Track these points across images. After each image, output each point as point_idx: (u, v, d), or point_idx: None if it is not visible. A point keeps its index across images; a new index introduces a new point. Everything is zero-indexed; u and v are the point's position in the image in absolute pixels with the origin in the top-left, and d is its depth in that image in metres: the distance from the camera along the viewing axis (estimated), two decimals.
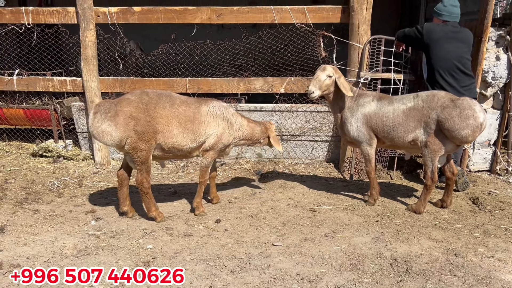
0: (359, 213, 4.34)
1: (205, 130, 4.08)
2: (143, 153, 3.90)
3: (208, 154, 4.21)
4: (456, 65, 4.75)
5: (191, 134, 4.03)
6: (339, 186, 5.22)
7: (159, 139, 3.94)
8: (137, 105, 3.85)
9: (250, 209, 4.47)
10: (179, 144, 4.01)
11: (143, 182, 4.00)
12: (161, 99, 3.98)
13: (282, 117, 5.90)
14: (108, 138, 3.79)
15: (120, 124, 3.79)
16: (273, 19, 5.45)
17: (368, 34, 5.33)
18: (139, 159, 3.93)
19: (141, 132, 3.82)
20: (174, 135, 3.96)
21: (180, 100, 4.06)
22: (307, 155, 6.04)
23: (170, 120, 3.94)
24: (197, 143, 4.10)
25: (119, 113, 3.80)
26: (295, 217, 4.25)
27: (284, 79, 5.72)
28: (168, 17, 5.56)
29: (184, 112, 4.01)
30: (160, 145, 3.99)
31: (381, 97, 4.39)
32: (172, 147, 4.02)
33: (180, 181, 5.46)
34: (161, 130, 3.92)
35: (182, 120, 3.98)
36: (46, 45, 6.20)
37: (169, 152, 4.08)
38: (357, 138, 4.40)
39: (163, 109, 3.93)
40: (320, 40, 5.44)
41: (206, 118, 4.08)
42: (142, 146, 3.87)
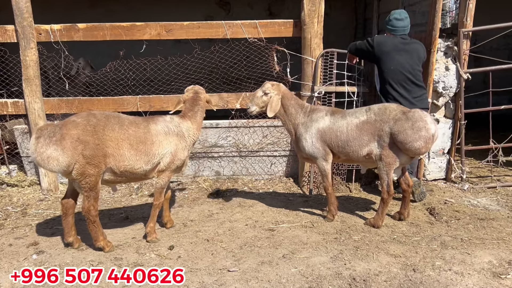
0: (318, 230, 4.24)
1: (157, 150, 3.89)
2: (91, 179, 3.66)
3: (164, 174, 4.02)
4: (407, 77, 4.78)
5: (144, 156, 3.83)
6: (298, 202, 5.11)
7: (109, 163, 3.72)
8: (85, 128, 3.62)
9: (206, 232, 4.28)
10: (132, 167, 3.80)
11: (90, 210, 3.74)
12: (110, 120, 3.76)
13: (239, 133, 5.76)
14: (55, 164, 3.52)
15: (67, 148, 3.53)
16: (225, 34, 5.33)
17: (321, 48, 5.31)
18: (87, 185, 3.67)
19: (90, 156, 3.59)
20: (126, 158, 3.76)
21: (129, 121, 3.86)
22: (266, 170, 5.92)
23: (121, 142, 3.73)
24: (152, 165, 3.90)
25: (65, 136, 3.54)
26: (252, 238, 4.10)
27: (239, 95, 5.61)
28: (115, 34, 5.34)
29: (134, 133, 3.81)
30: (111, 169, 3.76)
31: (334, 112, 4.34)
32: (125, 171, 3.80)
33: (133, 204, 5.20)
34: (111, 154, 3.70)
35: (133, 142, 3.78)
36: None
37: (122, 176, 3.86)
38: (313, 154, 4.32)
39: (112, 131, 3.72)
40: (273, 55, 5.37)
41: (157, 138, 3.90)
42: (91, 171, 3.63)
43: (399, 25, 4.84)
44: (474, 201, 4.99)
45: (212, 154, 5.82)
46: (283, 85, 4.46)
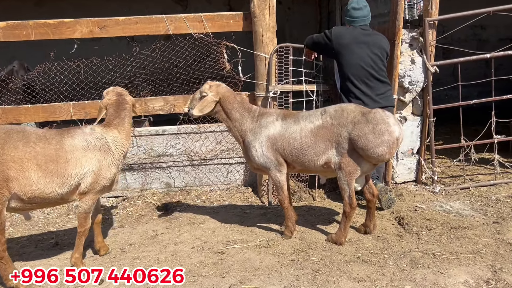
0: (273, 251, 3.71)
1: (74, 169, 3.27)
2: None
3: (87, 197, 3.40)
4: (369, 72, 4.32)
5: (56, 178, 3.21)
6: (255, 215, 4.58)
7: (13, 188, 3.09)
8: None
9: (145, 259, 3.70)
10: (42, 192, 3.18)
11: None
12: (11, 137, 3.13)
13: (190, 140, 5.19)
14: None
15: None
16: (167, 30, 4.75)
17: (274, 43, 4.78)
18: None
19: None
20: (34, 181, 3.13)
21: (37, 136, 3.23)
22: (222, 180, 5.37)
23: (26, 163, 3.10)
24: (69, 187, 3.29)
25: None
26: (198, 265, 3.54)
27: (187, 97, 4.98)
28: (41, 33, 4.67)
29: (42, 150, 3.18)
30: (17, 195, 3.13)
31: (285, 115, 3.82)
32: (34, 197, 3.18)
33: (69, 226, 4.56)
34: (14, 177, 3.07)
35: (42, 162, 3.15)
36: None
37: (32, 202, 3.23)
38: (264, 165, 3.80)
39: (14, 149, 3.09)
40: (222, 51, 4.81)
41: (73, 154, 3.28)
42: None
43: (358, 15, 4.36)
44: (447, 205, 4.57)
45: (160, 164, 5.22)
46: (222, 85, 3.91)
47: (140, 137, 5.10)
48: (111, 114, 3.53)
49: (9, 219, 4.78)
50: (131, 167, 5.16)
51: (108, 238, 4.16)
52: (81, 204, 3.41)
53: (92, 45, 4.94)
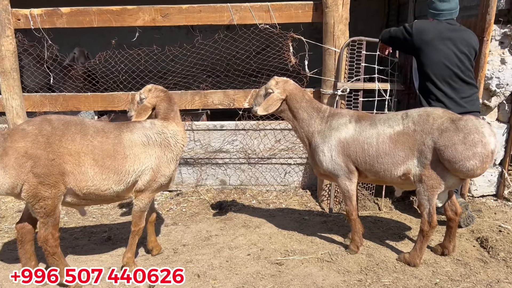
0: (338, 267, 3.36)
1: (132, 166, 3.09)
2: (47, 202, 2.90)
3: (143, 195, 3.22)
4: (454, 72, 3.82)
5: (113, 175, 3.03)
6: (315, 223, 4.24)
7: (69, 183, 2.95)
8: (36, 139, 2.86)
9: (198, 264, 3.48)
10: (97, 188, 3.02)
11: (47, 239, 2.99)
12: (69, 129, 2.98)
13: (248, 137, 4.91)
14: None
15: (10, 167, 2.79)
16: (231, 20, 4.47)
17: (346, 36, 4.37)
18: (43, 211, 2.92)
19: (43, 174, 2.84)
20: (89, 177, 2.97)
21: (95, 129, 3.06)
22: (279, 180, 5.06)
23: (82, 157, 2.95)
24: (125, 185, 3.11)
25: (8, 150, 2.80)
26: (254, 276, 3.27)
27: (248, 92, 4.74)
28: (104, 20, 4.56)
29: (100, 145, 3.01)
30: (72, 190, 2.99)
31: (360, 117, 3.43)
32: (89, 193, 3.02)
33: (122, 220, 4.45)
34: (71, 171, 2.92)
35: (99, 157, 2.99)
36: None
37: (86, 198, 3.08)
38: (333, 171, 3.44)
39: (71, 142, 2.94)
40: (288, 44, 4.47)
41: (132, 150, 3.09)
42: (46, 193, 2.87)
43: (444, 8, 3.86)
44: None
45: (216, 161, 4.99)
46: (290, 81, 3.58)
47: (197, 131, 4.90)
48: (165, 108, 3.32)
49: (64, 207, 4.75)
50: (187, 161, 4.98)
51: (161, 236, 3.99)
52: (136, 202, 3.23)
53: (153, 33, 4.74)
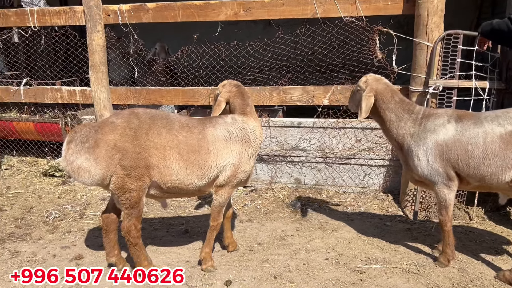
0: (426, 281, 3.08)
1: (215, 161, 3.08)
2: (133, 194, 2.97)
3: (223, 190, 3.20)
4: None
5: (197, 169, 3.04)
6: (398, 230, 3.96)
7: (154, 176, 2.99)
8: (124, 132, 2.93)
9: (274, 264, 3.38)
10: (181, 182, 3.04)
11: (130, 230, 3.05)
12: (156, 123, 3.02)
13: (326, 135, 4.72)
14: (86, 176, 2.89)
15: (101, 158, 2.87)
16: (315, 13, 4.30)
17: (441, 29, 4.02)
18: (128, 202, 2.99)
19: (130, 167, 2.90)
20: (174, 171, 2.99)
21: (180, 124, 3.08)
22: (357, 182, 4.81)
23: (168, 151, 2.97)
24: (207, 180, 3.11)
25: (100, 142, 2.89)
26: (333, 282, 3.10)
27: (328, 88, 4.55)
28: (187, 14, 4.61)
29: (185, 139, 3.02)
30: (156, 183, 3.04)
31: (460, 116, 3.09)
32: (172, 187, 3.05)
33: (199, 213, 4.49)
34: (156, 165, 2.96)
35: (184, 151, 3.00)
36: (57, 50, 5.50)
37: (169, 192, 3.12)
38: (429, 177, 3.14)
39: (158, 136, 2.98)
40: (375, 38, 4.21)
41: (215, 146, 3.07)
42: (132, 185, 2.94)
43: None
44: None
45: (291, 158, 4.86)
46: (382, 80, 3.34)
47: (274, 128, 4.80)
48: (239, 104, 3.27)
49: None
50: (262, 158, 4.91)
51: (236, 232, 3.95)
52: (216, 198, 3.21)
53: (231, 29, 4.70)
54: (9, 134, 5.69)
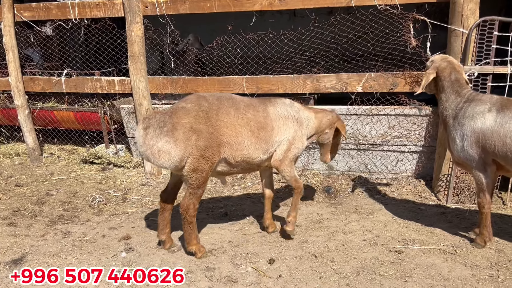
0: (463, 260, 3.18)
1: (277, 137, 3.36)
2: (203, 175, 3.17)
3: (284, 164, 3.46)
4: None
5: (264, 144, 3.31)
6: (432, 214, 4.05)
7: (224, 153, 3.21)
8: (197, 114, 3.13)
9: (314, 245, 3.52)
10: (249, 157, 3.29)
11: (189, 208, 3.24)
12: (223, 103, 3.24)
13: (359, 122, 4.81)
14: (166, 158, 3.07)
15: (180, 140, 3.06)
16: (349, 2, 4.37)
17: (476, 16, 4.05)
18: (197, 182, 3.18)
19: (204, 147, 3.10)
20: (245, 146, 3.24)
21: (245, 104, 3.32)
22: (390, 168, 4.90)
23: (239, 129, 3.20)
24: (269, 154, 3.39)
25: (177, 126, 3.07)
26: (373, 261, 3.22)
27: (362, 75, 4.63)
28: (223, 5, 4.73)
29: (254, 117, 3.27)
30: (225, 159, 3.26)
31: (503, 106, 3.09)
32: (242, 161, 3.30)
33: (235, 197, 4.65)
34: (227, 142, 3.19)
35: (254, 128, 3.26)
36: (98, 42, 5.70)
37: (237, 166, 3.36)
38: (466, 161, 3.23)
39: (227, 115, 3.20)
40: (409, 26, 4.27)
41: (277, 122, 3.36)
42: (204, 165, 3.13)
43: None
44: None
45: None
46: (447, 58, 3.41)
47: None
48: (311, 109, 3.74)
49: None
50: None
51: (273, 215, 4.10)
52: (283, 174, 3.50)
53: (259, 19, 4.79)
54: (50, 123, 5.96)
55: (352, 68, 5.10)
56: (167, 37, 5.08)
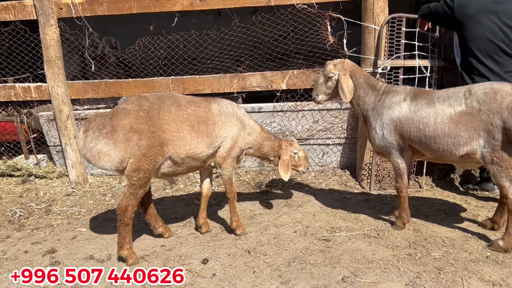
0: (386, 243, 3.40)
1: (220, 132, 3.39)
2: (146, 175, 3.15)
3: (227, 162, 3.51)
4: (499, 46, 3.76)
5: (206, 138, 3.33)
6: (357, 201, 4.28)
7: (168, 151, 3.20)
8: (138, 115, 3.12)
9: (247, 241, 3.57)
10: (194, 151, 3.29)
11: (127, 209, 3.18)
12: (164, 102, 3.24)
13: (286, 118, 4.95)
14: (106, 160, 3.05)
15: (120, 141, 3.04)
16: (269, 1, 4.47)
17: (386, 13, 4.34)
18: (139, 182, 3.15)
19: (147, 146, 3.09)
20: (188, 141, 3.25)
21: (187, 100, 3.36)
22: (317, 161, 5.10)
23: (179, 124, 3.21)
24: (213, 148, 3.40)
25: (117, 127, 3.05)
26: (303, 251, 3.34)
27: (286, 73, 4.77)
28: (143, 6, 4.63)
29: (194, 112, 3.29)
30: (171, 158, 3.24)
31: (416, 95, 3.34)
32: (187, 157, 3.29)
33: (167, 201, 4.58)
34: (170, 139, 3.19)
35: (194, 122, 3.27)
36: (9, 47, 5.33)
37: (183, 164, 3.34)
38: (385, 149, 3.46)
39: (168, 113, 3.20)
40: (326, 23, 4.46)
41: (220, 118, 3.40)
42: (147, 165, 3.12)
43: None
44: None
45: None
46: (347, 61, 3.60)
47: None
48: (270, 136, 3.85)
49: (109, 190, 4.92)
50: None
51: (208, 215, 4.09)
52: (223, 172, 3.55)
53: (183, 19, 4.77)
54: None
55: (276, 66, 5.23)
56: (86, 39, 4.87)
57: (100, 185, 5.07)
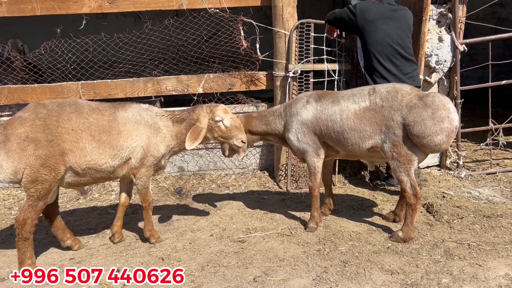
0: (297, 240, 3.52)
1: (125, 142, 3.21)
2: (45, 186, 2.97)
3: (141, 172, 3.36)
4: (396, 49, 4.05)
5: (109, 149, 3.14)
6: (274, 201, 4.38)
7: (69, 161, 3.02)
8: (34, 123, 2.94)
9: (161, 248, 3.51)
10: (95, 163, 3.11)
11: (26, 223, 3.00)
12: (64, 109, 3.07)
13: None
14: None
15: (13, 151, 2.86)
16: (180, 5, 4.46)
17: (295, 18, 4.50)
18: (37, 193, 2.98)
19: (45, 156, 2.92)
20: (87, 152, 3.07)
21: (90, 108, 3.17)
22: (237, 164, 5.15)
23: (79, 134, 3.04)
24: (120, 160, 3.22)
25: (10, 137, 2.88)
26: (218, 254, 3.35)
27: (201, 77, 4.77)
28: (47, 7, 4.41)
29: (96, 121, 3.11)
30: (72, 168, 3.07)
31: (320, 96, 3.55)
32: (88, 168, 3.11)
33: (80, 211, 4.38)
34: (70, 149, 3.02)
35: (95, 132, 3.09)
36: None
37: (86, 175, 3.16)
38: (302, 151, 3.62)
39: (68, 121, 3.03)
40: (239, 28, 4.53)
41: (125, 127, 3.21)
42: (47, 176, 2.95)
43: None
44: (475, 192, 4.35)
45: None
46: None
47: None
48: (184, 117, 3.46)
49: (17, 203, 4.61)
50: None
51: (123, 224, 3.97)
52: (137, 181, 3.41)
53: (100, 21, 4.63)
54: None
55: (191, 70, 5.21)
56: None
57: (6, 198, 4.73)
